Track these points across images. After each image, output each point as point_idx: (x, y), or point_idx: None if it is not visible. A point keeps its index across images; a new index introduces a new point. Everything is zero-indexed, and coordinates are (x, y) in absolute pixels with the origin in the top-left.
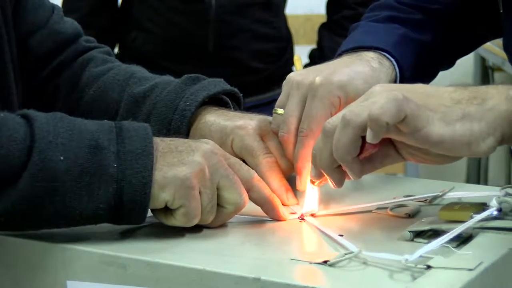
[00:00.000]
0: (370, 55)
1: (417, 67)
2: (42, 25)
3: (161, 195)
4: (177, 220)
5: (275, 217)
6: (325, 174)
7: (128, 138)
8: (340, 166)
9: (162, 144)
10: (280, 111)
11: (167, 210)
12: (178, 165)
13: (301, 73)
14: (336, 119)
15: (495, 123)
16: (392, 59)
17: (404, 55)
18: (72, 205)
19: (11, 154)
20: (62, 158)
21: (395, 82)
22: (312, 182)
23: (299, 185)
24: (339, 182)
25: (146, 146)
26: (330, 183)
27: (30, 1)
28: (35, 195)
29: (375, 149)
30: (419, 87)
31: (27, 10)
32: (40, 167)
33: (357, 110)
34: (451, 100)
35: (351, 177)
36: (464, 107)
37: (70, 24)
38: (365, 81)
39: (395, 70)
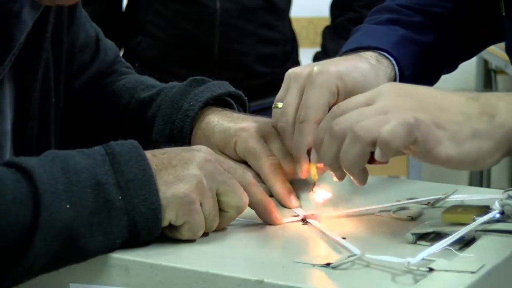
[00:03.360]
0: (368, 54)
1: (417, 67)
2: (87, 66)
3: (165, 216)
4: (183, 235)
5: (270, 222)
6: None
7: (124, 165)
8: None
9: (155, 160)
10: (280, 104)
11: (171, 226)
12: (175, 182)
13: (299, 67)
14: (344, 120)
15: (503, 140)
16: (391, 58)
17: (404, 55)
18: (89, 248)
19: (21, 218)
20: (68, 206)
21: (394, 81)
22: (314, 178)
23: (300, 173)
24: (342, 177)
25: (144, 170)
26: (333, 176)
27: (78, 40)
28: (51, 249)
29: (384, 163)
30: (429, 94)
31: (75, 50)
32: (50, 222)
33: (367, 126)
34: (462, 115)
35: (355, 184)
36: (473, 124)
37: (112, 55)
38: (363, 74)
39: (395, 69)
